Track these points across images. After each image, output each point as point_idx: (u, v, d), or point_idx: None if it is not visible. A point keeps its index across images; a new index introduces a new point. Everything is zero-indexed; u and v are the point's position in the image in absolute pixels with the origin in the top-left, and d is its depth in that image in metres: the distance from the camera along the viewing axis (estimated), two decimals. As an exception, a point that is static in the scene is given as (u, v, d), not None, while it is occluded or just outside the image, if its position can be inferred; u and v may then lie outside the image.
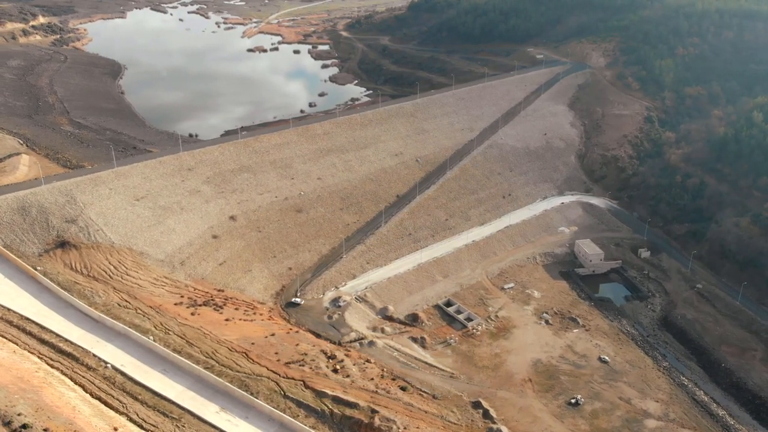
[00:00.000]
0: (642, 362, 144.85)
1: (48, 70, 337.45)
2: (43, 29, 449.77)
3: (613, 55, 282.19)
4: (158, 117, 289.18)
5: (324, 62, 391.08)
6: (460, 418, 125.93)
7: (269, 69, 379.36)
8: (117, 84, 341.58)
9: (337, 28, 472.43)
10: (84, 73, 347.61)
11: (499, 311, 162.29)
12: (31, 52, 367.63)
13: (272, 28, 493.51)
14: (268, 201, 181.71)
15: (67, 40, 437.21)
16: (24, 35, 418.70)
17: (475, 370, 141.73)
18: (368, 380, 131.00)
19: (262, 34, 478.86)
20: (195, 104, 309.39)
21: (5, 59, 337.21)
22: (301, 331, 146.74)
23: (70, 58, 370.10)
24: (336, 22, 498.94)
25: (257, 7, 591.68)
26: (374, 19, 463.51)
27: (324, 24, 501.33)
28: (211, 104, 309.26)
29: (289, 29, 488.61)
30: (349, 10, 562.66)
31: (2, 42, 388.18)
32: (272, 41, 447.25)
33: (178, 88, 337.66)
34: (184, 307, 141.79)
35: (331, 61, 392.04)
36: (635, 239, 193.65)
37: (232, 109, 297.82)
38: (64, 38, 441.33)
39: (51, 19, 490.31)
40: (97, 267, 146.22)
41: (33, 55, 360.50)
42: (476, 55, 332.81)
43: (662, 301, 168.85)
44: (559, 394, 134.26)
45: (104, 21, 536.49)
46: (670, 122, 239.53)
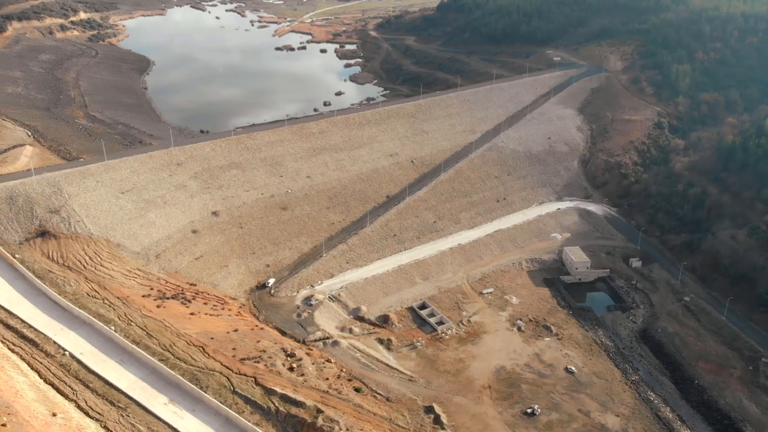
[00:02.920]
0: (610, 374, 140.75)
1: (77, 64, 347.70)
2: (82, 25, 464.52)
3: (631, 59, 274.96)
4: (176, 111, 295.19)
5: (347, 61, 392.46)
6: (410, 422, 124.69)
7: (293, 67, 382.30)
8: (142, 79, 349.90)
9: (367, 27, 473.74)
10: (111, 68, 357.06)
11: (472, 316, 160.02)
12: (64, 47, 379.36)
13: (304, 27, 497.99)
14: (254, 198, 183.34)
15: (103, 36, 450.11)
16: (61, 30, 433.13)
17: (435, 375, 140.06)
18: (323, 380, 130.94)
19: (294, 32, 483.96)
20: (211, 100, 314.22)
21: (37, 53, 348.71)
22: (267, 328, 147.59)
23: (101, 54, 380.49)
24: (368, 21, 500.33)
25: (294, 6, 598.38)
26: (404, 19, 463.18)
27: (356, 23, 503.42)
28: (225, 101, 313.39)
29: (320, 28, 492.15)
30: (384, 9, 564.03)
31: (39, 36, 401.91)
32: (301, 40, 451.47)
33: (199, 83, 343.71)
34: (151, 300, 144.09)
35: (355, 61, 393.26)
36: (628, 248, 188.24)
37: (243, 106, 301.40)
38: (100, 34, 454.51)
39: (92, 15, 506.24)
40: (73, 257, 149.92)
41: (65, 50, 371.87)
42: (495, 57, 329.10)
43: (645, 312, 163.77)
44: (516, 403, 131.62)
45: (144, 18, 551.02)
46: (682, 129, 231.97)
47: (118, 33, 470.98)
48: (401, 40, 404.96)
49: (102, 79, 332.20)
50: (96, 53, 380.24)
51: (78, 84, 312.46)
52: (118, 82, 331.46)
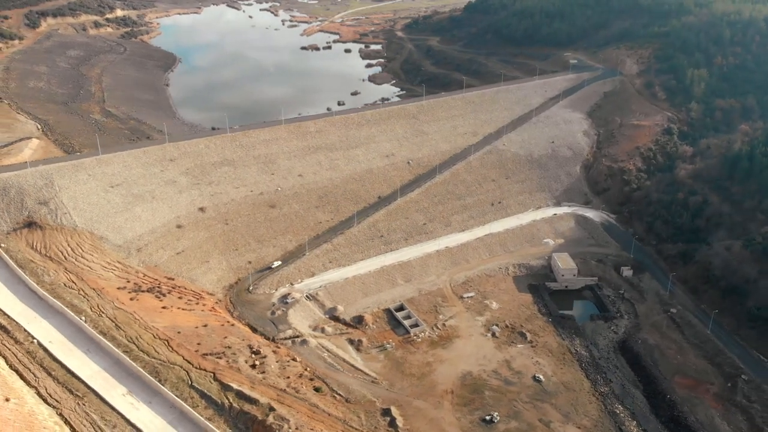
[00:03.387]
0: (579, 385, 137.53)
1: (104, 60, 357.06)
2: (116, 22, 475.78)
3: (647, 63, 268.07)
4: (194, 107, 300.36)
5: (369, 61, 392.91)
6: (365, 423, 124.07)
7: (314, 66, 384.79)
8: (165, 76, 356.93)
9: (395, 27, 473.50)
10: (137, 64, 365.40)
11: (448, 320, 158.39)
12: (93, 44, 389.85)
13: (333, 27, 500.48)
14: (242, 195, 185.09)
15: (136, 33, 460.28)
16: (95, 27, 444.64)
17: (400, 377, 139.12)
18: (283, 378, 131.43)
19: (322, 32, 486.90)
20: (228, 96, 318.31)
21: (66, 49, 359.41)
22: (238, 325, 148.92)
23: (129, 50, 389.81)
24: (397, 21, 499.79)
25: (327, 6, 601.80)
26: (432, 19, 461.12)
27: (385, 23, 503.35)
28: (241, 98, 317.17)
29: (349, 28, 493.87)
30: (416, 9, 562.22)
31: (72, 33, 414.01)
32: (328, 40, 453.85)
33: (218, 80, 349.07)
34: (126, 292, 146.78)
35: (377, 61, 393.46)
36: (621, 256, 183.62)
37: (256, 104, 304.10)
38: (134, 31, 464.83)
39: (128, 13, 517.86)
40: (56, 248, 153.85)
41: (94, 47, 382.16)
42: (514, 58, 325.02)
43: (628, 323, 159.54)
44: (476, 410, 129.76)
45: (179, 15, 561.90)
46: (692, 135, 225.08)
47: (151, 30, 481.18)
48: (425, 41, 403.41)
49: (125, 75, 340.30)
50: (124, 50, 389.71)
51: (101, 80, 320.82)
52: (140, 79, 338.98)
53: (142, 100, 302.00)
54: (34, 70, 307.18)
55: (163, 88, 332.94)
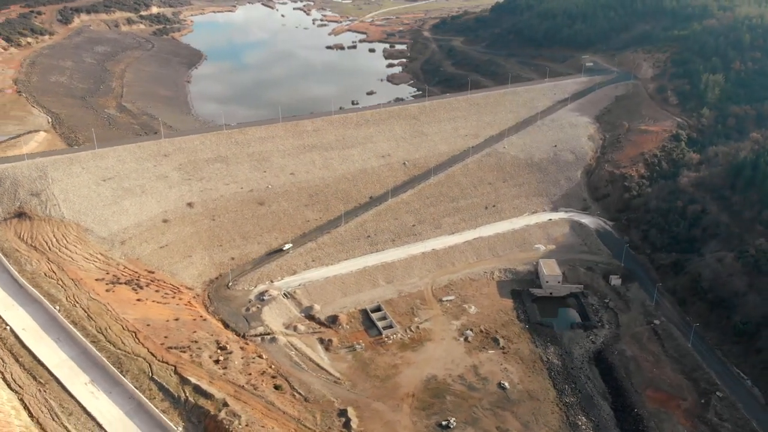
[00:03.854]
0: (544, 394, 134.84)
1: (130, 56, 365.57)
2: (150, 19, 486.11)
3: (663, 67, 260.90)
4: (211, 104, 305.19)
5: (391, 61, 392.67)
6: (319, 423, 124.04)
7: (335, 66, 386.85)
8: (188, 73, 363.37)
9: (423, 27, 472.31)
10: (162, 61, 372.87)
11: (423, 323, 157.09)
12: (123, 40, 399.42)
13: (361, 26, 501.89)
14: (232, 191, 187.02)
15: (168, 31, 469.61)
16: (128, 24, 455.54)
17: (364, 378, 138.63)
18: (244, 374, 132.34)
19: (351, 31, 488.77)
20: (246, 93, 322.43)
21: (94, 45, 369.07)
22: (211, 320, 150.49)
23: (156, 47, 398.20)
24: (426, 21, 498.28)
25: (360, 5, 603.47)
26: (460, 20, 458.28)
27: (415, 23, 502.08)
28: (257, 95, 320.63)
29: (377, 28, 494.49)
30: (449, 9, 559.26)
31: (105, 29, 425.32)
32: (354, 39, 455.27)
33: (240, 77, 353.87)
34: (103, 283, 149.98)
35: (399, 61, 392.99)
36: (612, 265, 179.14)
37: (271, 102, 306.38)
38: (166, 28, 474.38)
39: (164, 10, 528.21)
40: (41, 238, 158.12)
41: (123, 43, 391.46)
42: (533, 60, 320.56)
43: (608, 333, 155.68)
44: (434, 414, 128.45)
45: (214, 14, 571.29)
46: (701, 142, 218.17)
47: (183, 28, 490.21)
48: (449, 41, 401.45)
49: (148, 71, 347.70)
50: (152, 46, 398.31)
51: (123, 75, 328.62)
52: (162, 75, 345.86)
53: (159, 96, 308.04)
54: (58, 65, 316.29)
55: (183, 85, 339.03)
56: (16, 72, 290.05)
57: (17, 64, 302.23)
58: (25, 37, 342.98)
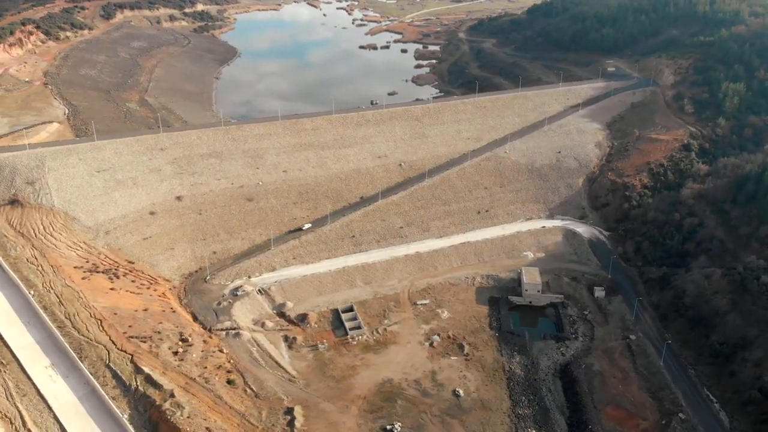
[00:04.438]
0: (498, 405, 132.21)
1: (164, 52, 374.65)
2: (193, 16, 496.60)
3: (685, 74, 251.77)
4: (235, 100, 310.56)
5: (420, 62, 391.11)
6: (263, 420, 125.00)
7: (363, 66, 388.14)
8: (219, 69, 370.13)
9: (460, 29, 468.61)
10: (195, 57, 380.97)
11: (392, 325, 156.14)
12: (161, 36, 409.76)
13: (399, 27, 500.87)
14: (222, 187, 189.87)
15: (209, 28, 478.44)
16: (170, 20, 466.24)
17: (319, 378, 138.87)
18: (200, 367, 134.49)
19: (388, 31, 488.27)
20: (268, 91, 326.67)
21: (131, 40, 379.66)
22: (181, 312, 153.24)
23: (192, 44, 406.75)
24: (465, 23, 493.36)
25: (403, 6, 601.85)
26: (498, 21, 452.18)
27: (453, 24, 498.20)
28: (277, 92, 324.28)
29: (415, 28, 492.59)
30: (491, 11, 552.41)
31: (146, 25, 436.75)
32: (389, 39, 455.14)
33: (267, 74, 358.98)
34: (81, 271, 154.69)
35: (428, 62, 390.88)
36: (599, 276, 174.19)
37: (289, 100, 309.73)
38: (207, 25, 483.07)
39: (209, 7, 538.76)
40: (30, 225, 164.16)
41: (160, 39, 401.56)
42: (558, 64, 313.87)
43: (580, 346, 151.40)
44: (381, 418, 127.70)
45: (258, 12, 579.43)
46: (713, 153, 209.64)
47: (224, 25, 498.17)
48: (481, 43, 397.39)
49: (179, 67, 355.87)
50: (188, 43, 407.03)
51: (153, 70, 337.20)
52: (192, 71, 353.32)
53: (184, 92, 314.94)
54: (91, 59, 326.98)
55: (211, 81, 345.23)
56: (48, 65, 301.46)
57: (52, 57, 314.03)
58: (64, 31, 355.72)
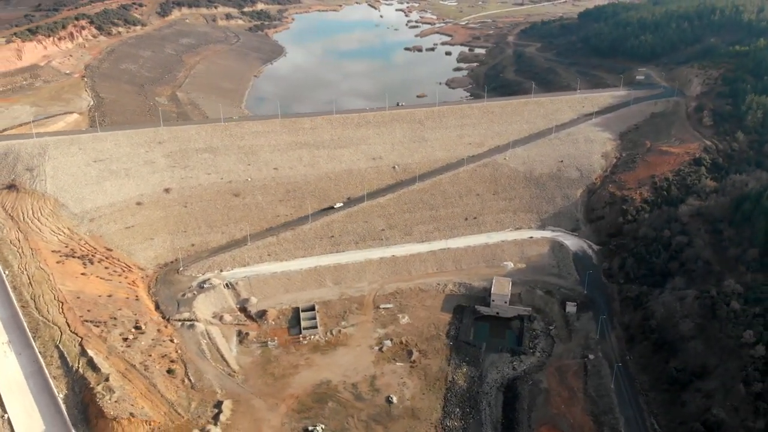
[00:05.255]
0: (428, 415, 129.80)
1: (210, 50, 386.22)
2: (250, 15, 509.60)
3: (713, 84, 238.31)
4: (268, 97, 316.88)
5: (460, 65, 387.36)
6: (191, 411, 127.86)
7: (401, 67, 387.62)
8: (261, 68, 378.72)
9: (512, 32, 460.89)
10: (240, 55, 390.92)
11: (348, 327, 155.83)
12: (212, 33, 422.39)
13: (450, 29, 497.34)
14: (211, 181, 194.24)
15: (264, 27, 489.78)
16: (226, 19, 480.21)
17: (259, 375, 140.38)
18: (144, 355, 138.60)
19: (438, 34, 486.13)
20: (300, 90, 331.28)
21: (181, 37, 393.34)
22: (145, 301, 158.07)
23: (241, 42, 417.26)
24: (519, 26, 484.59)
25: (463, 8, 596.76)
26: (549, 25, 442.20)
27: (506, 28, 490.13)
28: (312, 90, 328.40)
29: (466, 31, 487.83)
30: (552, 14, 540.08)
31: (202, 22, 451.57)
32: (436, 41, 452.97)
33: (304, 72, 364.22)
34: (57, 255, 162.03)
35: (468, 65, 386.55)
36: (575, 291, 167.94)
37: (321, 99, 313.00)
38: (263, 24, 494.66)
39: (269, 7, 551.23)
40: (20, 208, 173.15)
41: (210, 36, 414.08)
42: (592, 70, 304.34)
43: (535, 361, 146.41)
44: (306, 418, 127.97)
45: (318, 12, 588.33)
46: (727, 168, 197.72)
47: (279, 25, 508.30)
48: (525, 47, 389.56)
49: (221, 64, 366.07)
50: (237, 41, 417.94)
51: (194, 66, 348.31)
52: (233, 68, 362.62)
53: (219, 88, 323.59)
54: (136, 54, 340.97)
55: (249, 79, 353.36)
56: (92, 58, 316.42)
57: (98, 51, 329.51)
58: (117, 26, 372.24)
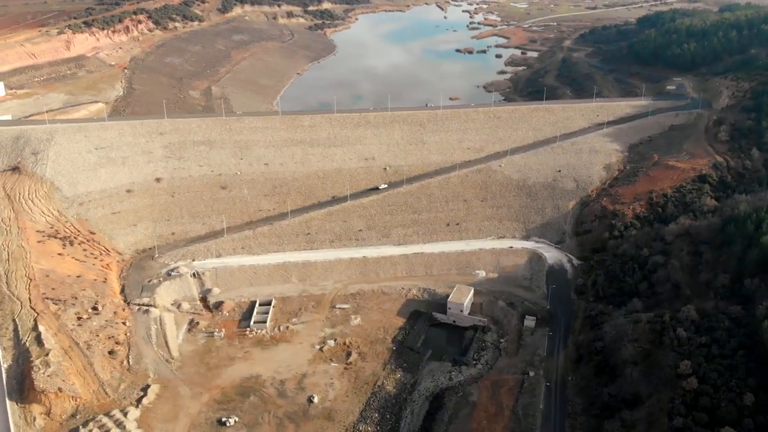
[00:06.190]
0: (343, 418, 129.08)
1: (260, 47, 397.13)
2: (313, 14, 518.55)
3: (740, 98, 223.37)
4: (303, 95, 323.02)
5: (504, 68, 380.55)
6: (117, 392, 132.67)
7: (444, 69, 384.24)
8: (306, 66, 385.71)
9: (571, 36, 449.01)
10: (288, 53, 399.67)
11: (297, 325, 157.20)
12: (267, 31, 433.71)
13: (509, 32, 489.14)
14: (202, 173, 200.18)
15: (324, 26, 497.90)
16: (287, 17, 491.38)
17: (195, 363, 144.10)
18: (92, 335, 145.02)
19: (496, 36, 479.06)
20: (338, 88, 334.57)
21: (235, 33, 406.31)
22: (112, 283, 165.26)
23: (294, 40, 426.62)
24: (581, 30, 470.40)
25: (532, 10, 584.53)
26: (608, 30, 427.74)
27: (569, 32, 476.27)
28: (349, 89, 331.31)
29: (525, 33, 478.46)
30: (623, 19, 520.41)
31: (262, 19, 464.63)
32: (491, 44, 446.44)
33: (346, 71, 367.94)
34: (40, 235, 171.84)
35: (513, 69, 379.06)
36: (538, 305, 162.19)
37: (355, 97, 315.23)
38: (324, 23, 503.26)
39: (335, 7, 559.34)
40: (18, 190, 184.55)
41: (264, 33, 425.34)
42: (630, 78, 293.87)
43: (474, 373, 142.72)
44: (224, 410, 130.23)
45: (384, 13, 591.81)
46: (734, 187, 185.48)
47: (341, 24, 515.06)
48: (575, 52, 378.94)
49: (267, 61, 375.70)
50: (290, 39, 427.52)
51: (239, 62, 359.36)
52: (277, 65, 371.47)
53: (257, 84, 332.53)
54: (185, 48, 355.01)
55: (291, 76, 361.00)
56: (141, 51, 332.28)
57: (149, 45, 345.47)
58: (174, 21, 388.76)
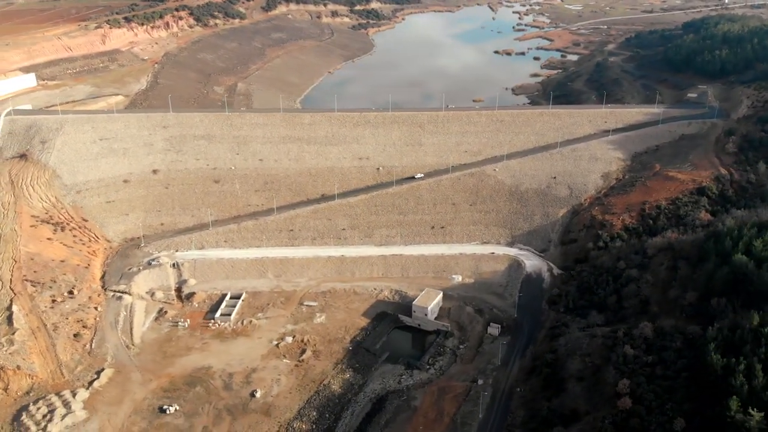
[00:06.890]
0: (280, 414, 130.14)
1: (297, 45, 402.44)
2: (359, 13, 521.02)
3: (759, 108, 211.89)
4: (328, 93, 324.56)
5: (539, 71, 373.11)
6: (73, 373, 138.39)
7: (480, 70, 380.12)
8: (339, 64, 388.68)
9: (616, 40, 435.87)
10: (324, 52, 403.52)
11: (260, 320, 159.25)
12: (307, 29, 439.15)
13: (554, 34, 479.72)
14: (198, 167, 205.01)
15: (368, 26, 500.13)
16: (331, 16, 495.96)
17: (153, 351, 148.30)
18: (62, 318, 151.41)
19: (540, 38, 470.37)
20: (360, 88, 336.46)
21: (274, 31, 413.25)
22: (94, 269, 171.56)
23: (332, 39, 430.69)
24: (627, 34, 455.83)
25: (584, 12, 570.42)
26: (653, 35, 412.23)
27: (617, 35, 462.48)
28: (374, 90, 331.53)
29: (570, 36, 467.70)
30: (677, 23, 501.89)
31: (305, 18, 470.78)
32: (531, 46, 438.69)
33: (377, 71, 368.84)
34: (34, 220, 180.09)
35: (546, 72, 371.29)
36: (506, 313, 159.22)
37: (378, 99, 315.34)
38: (369, 23, 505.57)
39: (384, 6, 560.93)
40: (22, 176, 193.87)
41: (304, 32, 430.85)
42: (658, 84, 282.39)
43: (424, 378, 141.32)
44: (167, 398, 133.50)
45: (434, 13, 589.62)
46: (733, 201, 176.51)
47: (383, 25, 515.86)
48: (613, 56, 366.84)
49: (301, 59, 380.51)
50: (329, 38, 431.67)
51: (272, 60, 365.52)
52: (309, 63, 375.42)
53: (284, 82, 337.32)
54: (220, 45, 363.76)
55: (320, 75, 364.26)
56: (176, 47, 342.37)
57: (186, 40, 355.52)
58: (215, 18, 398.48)
